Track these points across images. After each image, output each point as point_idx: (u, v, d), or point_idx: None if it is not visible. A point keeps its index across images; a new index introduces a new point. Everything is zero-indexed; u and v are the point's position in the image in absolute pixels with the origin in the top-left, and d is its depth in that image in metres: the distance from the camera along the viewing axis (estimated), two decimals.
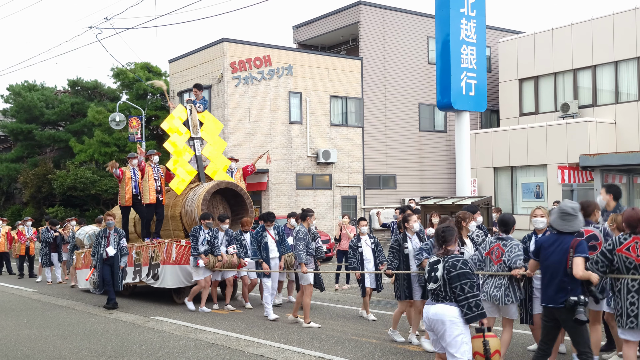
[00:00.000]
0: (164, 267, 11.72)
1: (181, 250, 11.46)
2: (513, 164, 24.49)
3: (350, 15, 26.76)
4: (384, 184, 26.60)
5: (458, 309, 5.34)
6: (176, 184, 12.62)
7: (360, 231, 9.87)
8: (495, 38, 28.00)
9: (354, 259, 9.77)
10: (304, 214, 9.95)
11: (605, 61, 23.60)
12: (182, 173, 12.73)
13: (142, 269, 12.32)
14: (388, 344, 8.12)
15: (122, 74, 29.85)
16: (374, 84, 26.39)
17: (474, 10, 16.91)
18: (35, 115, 31.19)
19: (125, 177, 12.60)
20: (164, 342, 8.58)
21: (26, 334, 9.43)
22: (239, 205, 12.83)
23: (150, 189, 12.45)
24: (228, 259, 11.12)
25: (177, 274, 11.51)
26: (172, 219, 12.72)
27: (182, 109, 13.34)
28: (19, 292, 14.85)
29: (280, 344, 8.26)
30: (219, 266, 11.03)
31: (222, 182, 12.47)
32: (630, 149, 21.76)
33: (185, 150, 12.96)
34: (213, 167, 13.26)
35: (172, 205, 12.83)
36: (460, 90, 16.47)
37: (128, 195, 12.62)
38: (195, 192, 12.23)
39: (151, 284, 12.12)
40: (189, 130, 13.18)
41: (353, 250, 9.78)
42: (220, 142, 13.74)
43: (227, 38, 23.32)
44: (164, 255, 11.77)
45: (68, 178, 26.93)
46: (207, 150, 13.33)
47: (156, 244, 12.17)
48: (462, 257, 5.50)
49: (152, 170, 12.61)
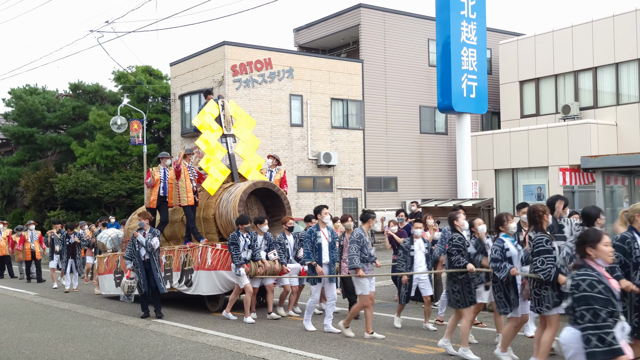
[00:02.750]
0: (198, 272, 10.97)
1: (217, 254, 10.71)
2: (514, 166, 24.47)
3: (351, 18, 26.79)
4: (385, 186, 26.60)
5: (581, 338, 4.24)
6: (209, 184, 11.84)
7: (414, 234, 9.28)
8: (496, 40, 28.01)
9: (402, 262, 9.18)
10: (366, 215, 8.84)
11: (606, 63, 23.59)
12: (215, 172, 11.97)
13: (174, 274, 11.55)
14: (390, 347, 8.11)
15: (123, 77, 29.88)
16: (375, 87, 26.40)
17: (475, 13, 16.93)
18: (37, 119, 31.24)
19: (155, 179, 12.01)
20: (166, 345, 8.58)
21: (28, 337, 9.44)
22: (275, 206, 12.05)
23: (188, 190, 11.75)
24: (270, 266, 10.37)
25: (212, 280, 10.75)
26: (205, 221, 11.90)
27: (213, 105, 12.51)
28: (21, 296, 14.86)
29: (282, 346, 8.25)
30: (261, 273, 10.31)
31: (258, 182, 11.69)
32: (632, 150, 21.74)
33: (217, 148, 12.22)
34: (246, 165, 12.53)
35: (204, 207, 12.01)
36: (461, 92, 16.47)
37: (154, 196, 12.02)
38: (231, 193, 11.47)
39: (183, 290, 11.35)
40: (221, 127, 12.44)
41: (404, 252, 9.16)
42: (254, 139, 12.96)
43: (228, 41, 23.36)
44: (198, 260, 11.00)
45: (69, 181, 26.95)
46: (240, 148, 12.59)
47: (189, 248, 11.42)
48: (591, 276, 4.28)
49: (188, 171, 11.96)
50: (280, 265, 10.47)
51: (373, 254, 8.67)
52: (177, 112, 26.43)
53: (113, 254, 13.71)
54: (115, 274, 13.32)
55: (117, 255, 13.37)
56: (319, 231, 9.40)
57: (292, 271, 10.59)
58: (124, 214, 25.65)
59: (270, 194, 11.94)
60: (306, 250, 9.39)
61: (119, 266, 13.13)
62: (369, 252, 8.57)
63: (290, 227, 10.84)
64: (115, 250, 14.14)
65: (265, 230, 10.59)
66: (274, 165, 12.86)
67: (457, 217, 7.80)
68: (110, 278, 13.50)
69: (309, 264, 9.38)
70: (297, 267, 10.72)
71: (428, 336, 8.69)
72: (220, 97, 12.76)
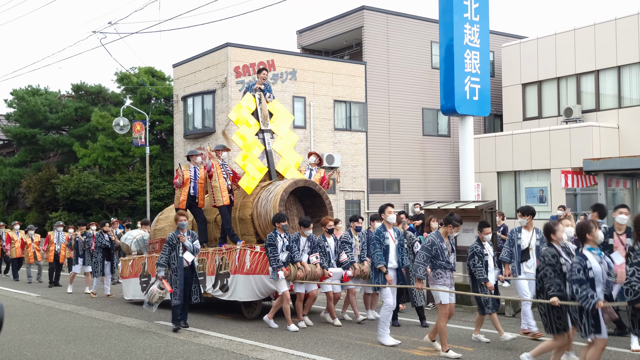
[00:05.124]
0: (236, 276, 10.24)
1: (256, 257, 9.99)
2: (516, 169, 24.45)
3: (354, 20, 26.80)
4: (387, 188, 26.59)
5: None
6: (246, 182, 11.14)
7: (483, 239, 8.46)
8: (499, 43, 28.01)
9: (481, 268, 8.25)
10: (448, 219, 7.90)
11: (608, 66, 23.58)
12: (252, 170, 11.25)
13: (207, 279, 10.83)
14: (392, 349, 8.10)
15: (126, 79, 29.93)
16: (378, 89, 26.41)
17: (478, 15, 16.89)
18: (39, 120, 31.28)
19: (184, 178, 11.34)
20: (168, 347, 8.57)
21: (30, 338, 9.43)
22: (315, 206, 11.31)
23: (222, 189, 11.02)
24: (311, 269, 9.66)
25: (250, 285, 9.99)
26: (241, 221, 11.19)
27: (250, 98, 11.75)
28: (23, 297, 14.85)
29: (285, 348, 8.24)
30: (301, 276, 9.57)
31: (299, 180, 10.97)
32: (634, 153, 21.71)
33: (254, 144, 11.48)
34: (284, 163, 11.79)
35: (240, 207, 11.27)
36: (464, 94, 16.41)
37: (183, 196, 11.30)
38: (270, 191, 10.78)
39: (218, 296, 10.63)
40: (258, 121, 11.67)
41: (479, 257, 8.28)
42: (292, 135, 12.17)
43: (231, 43, 23.38)
44: (235, 264, 10.27)
45: (72, 183, 26.97)
46: (278, 144, 11.84)
47: (225, 250, 10.70)
48: None
49: (221, 169, 11.22)
50: (322, 269, 9.75)
51: (452, 261, 7.90)
52: (179, 113, 26.44)
53: (139, 257, 13.07)
54: (141, 277, 12.65)
55: (143, 258, 12.77)
56: (386, 232, 8.60)
57: (333, 276, 9.89)
58: (126, 216, 25.64)
59: (310, 193, 11.23)
60: (377, 253, 8.47)
61: (145, 269, 12.52)
62: (447, 258, 7.81)
63: (330, 230, 10.11)
64: (141, 252, 13.49)
65: (309, 234, 9.88)
66: (315, 164, 12.23)
67: (556, 230, 6.56)
68: (136, 282, 12.81)
69: (378, 268, 8.50)
70: (339, 272, 9.97)
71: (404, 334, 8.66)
72: (257, 90, 11.88)
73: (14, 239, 19.10)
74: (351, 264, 9.99)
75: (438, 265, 7.84)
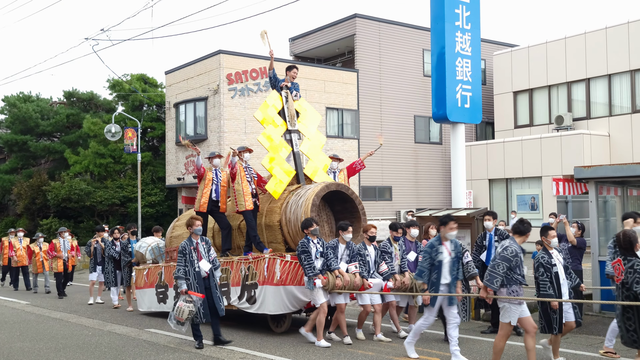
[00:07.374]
0: (264, 287, 9.50)
1: (287, 267, 9.28)
2: (508, 176, 24.56)
3: (346, 27, 26.90)
4: (379, 195, 26.61)
5: None
6: (273, 186, 10.37)
7: (550, 244, 7.44)
8: (490, 51, 28.18)
9: (547, 282, 7.20)
10: (526, 227, 7.04)
11: (598, 74, 23.77)
12: (280, 173, 10.49)
13: (231, 290, 10.13)
14: (384, 356, 8.08)
15: (118, 85, 29.87)
16: (370, 96, 26.48)
17: (469, 24, 17.00)
18: (30, 127, 31.15)
19: (206, 179, 10.70)
20: (158, 355, 8.52)
21: (19, 346, 9.34)
22: (347, 212, 10.58)
23: (245, 193, 10.34)
24: (350, 279, 8.89)
25: (281, 297, 9.27)
26: (268, 228, 10.43)
27: (277, 96, 11.13)
28: (12, 305, 14.72)
29: (275, 356, 8.20)
30: (339, 286, 8.80)
31: (331, 184, 10.26)
32: (624, 161, 21.86)
33: (282, 145, 10.75)
34: (313, 165, 11.01)
35: (266, 212, 10.53)
36: (456, 102, 16.50)
37: (204, 199, 10.60)
38: (300, 196, 10.05)
39: (245, 308, 9.87)
40: (285, 121, 10.96)
41: (545, 269, 7.23)
42: (319, 135, 11.44)
43: (223, 50, 23.40)
44: (264, 274, 9.55)
45: (63, 189, 26.84)
46: (306, 145, 11.06)
47: (251, 259, 9.97)
48: None
49: (245, 171, 10.59)
50: (362, 279, 9.01)
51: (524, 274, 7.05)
52: (171, 120, 26.40)
53: (155, 266, 12.31)
54: (157, 288, 11.98)
55: (160, 267, 12.07)
56: (441, 245, 7.86)
57: (373, 287, 9.15)
58: (117, 223, 25.52)
59: (341, 198, 10.49)
60: (422, 268, 7.87)
61: (162, 279, 11.84)
62: (522, 272, 6.94)
63: (372, 237, 9.38)
64: (156, 261, 12.80)
65: (348, 239, 9.09)
66: (336, 168, 11.51)
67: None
68: (152, 293, 12.08)
69: (420, 284, 8.03)
70: (380, 282, 9.30)
71: (421, 345, 8.64)
72: (284, 88, 11.24)
73: (16, 246, 18.51)
74: (392, 275, 9.35)
75: (514, 280, 6.86)
